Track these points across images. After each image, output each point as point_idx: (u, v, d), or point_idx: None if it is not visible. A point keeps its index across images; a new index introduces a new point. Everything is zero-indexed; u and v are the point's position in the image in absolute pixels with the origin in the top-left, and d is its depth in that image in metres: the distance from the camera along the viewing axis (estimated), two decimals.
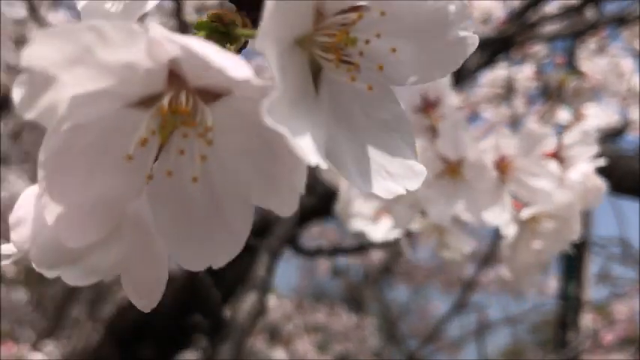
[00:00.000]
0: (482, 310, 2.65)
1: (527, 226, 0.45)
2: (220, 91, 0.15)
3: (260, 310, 0.52)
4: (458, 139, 0.42)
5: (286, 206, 0.15)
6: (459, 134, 0.42)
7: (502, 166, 0.43)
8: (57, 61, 0.12)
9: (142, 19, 0.18)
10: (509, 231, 0.43)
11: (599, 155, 0.66)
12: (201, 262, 0.16)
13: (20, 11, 0.32)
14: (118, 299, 2.06)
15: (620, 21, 1.52)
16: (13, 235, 0.15)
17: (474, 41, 0.16)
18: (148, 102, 0.15)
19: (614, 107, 2.24)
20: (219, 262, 0.16)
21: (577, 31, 1.56)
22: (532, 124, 0.44)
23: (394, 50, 0.15)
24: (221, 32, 0.17)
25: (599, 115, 0.99)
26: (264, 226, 0.95)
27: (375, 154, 0.16)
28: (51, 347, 1.30)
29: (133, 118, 0.15)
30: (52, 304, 3.08)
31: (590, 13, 1.61)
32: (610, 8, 1.61)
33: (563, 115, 1.06)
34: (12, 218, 0.15)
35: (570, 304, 2.46)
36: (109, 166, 0.15)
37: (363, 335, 3.27)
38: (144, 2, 0.16)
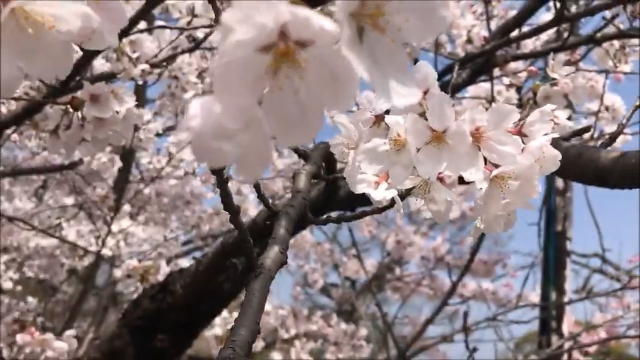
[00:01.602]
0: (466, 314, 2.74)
1: (496, 184, 0.57)
2: (308, 42, 0.27)
3: (283, 260, 0.62)
4: (442, 113, 0.54)
5: (343, 105, 0.27)
6: (444, 109, 0.54)
7: (476, 135, 0.55)
8: (236, 19, 0.24)
9: None
10: (483, 186, 0.55)
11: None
12: (293, 142, 0.28)
13: None
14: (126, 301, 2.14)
15: (592, 41, 1.66)
16: (191, 123, 0.26)
17: (449, 19, 0.28)
18: (265, 49, 0.27)
19: (588, 121, 2.37)
20: (304, 142, 0.27)
21: (553, 49, 1.70)
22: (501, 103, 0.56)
23: (407, 21, 0.27)
24: None
25: (565, 119, 1.11)
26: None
27: (392, 83, 0.28)
28: (72, 332, 1.38)
29: (259, 58, 0.26)
30: (58, 320, 3.15)
31: (565, 33, 1.74)
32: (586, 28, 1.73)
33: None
34: (189, 114, 0.27)
35: (550, 307, 2.58)
36: (247, 85, 0.27)
37: (356, 343, 3.37)
38: None
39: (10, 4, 0.32)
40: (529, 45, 2.34)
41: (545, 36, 2.44)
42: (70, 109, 1.07)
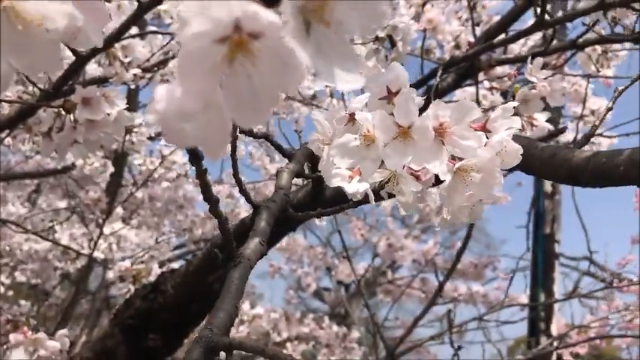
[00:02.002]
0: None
1: (460, 177, 0.60)
2: (259, 34, 0.30)
3: (263, 250, 0.65)
4: (408, 110, 0.57)
5: (292, 89, 0.30)
6: (409, 106, 0.57)
7: (440, 130, 0.58)
8: (192, 12, 0.27)
9: None
10: (446, 178, 0.58)
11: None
12: (248, 123, 0.31)
13: None
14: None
15: (575, 46, 1.70)
16: (157, 106, 0.30)
17: (388, 13, 0.31)
18: (222, 40, 0.30)
19: (575, 124, 2.40)
20: (259, 122, 0.30)
21: (536, 54, 1.74)
22: (463, 99, 0.59)
23: (349, 15, 0.31)
24: None
25: (544, 121, 1.15)
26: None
27: (337, 70, 0.31)
28: (64, 332, 1.40)
29: (216, 48, 0.30)
30: (50, 324, 3.17)
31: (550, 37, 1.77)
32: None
33: (517, 121, 1.22)
34: (155, 98, 0.30)
35: (538, 307, 2.61)
36: (205, 71, 0.30)
37: (348, 345, 3.40)
38: None
39: (2, 3, 0.35)
40: (516, 50, 2.39)
41: (531, 41, 2.49)
42: (63, 112, 1.10)
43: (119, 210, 2.38)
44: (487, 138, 0.63)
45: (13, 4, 0.36)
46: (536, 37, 2.43)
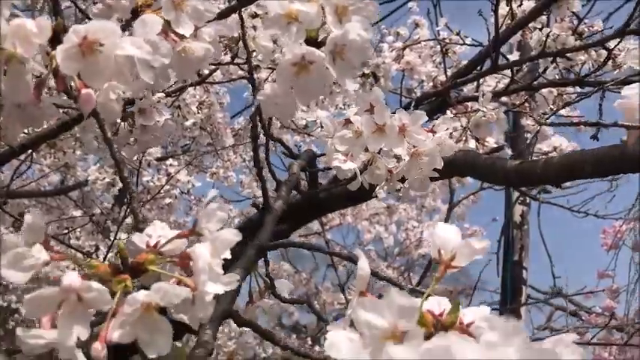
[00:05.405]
0: None
1: (415, 158, 1.00)
2: (313, 61, 0.70)
3: (284, 208, 1.05)
4: (382, 115, 0.97)
5: (327, 88, 0.70)
6: (384, 112, 0.97)
7: (402, 128, 0.99)
8: (287, 50, 0.67)
9: None
10: (406, 158, 0.99)
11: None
12: (306, 103, 0.71)
13: None
14: None
15: (531, 88, 2.12)
16: (265, 92, 0.69)
17: (371, 52, 0.72)
18: (295, 64, 0.70)
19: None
20: (310, 102, 0.70)
21: (497, 93, 2.16)
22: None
23: (352, 54, 0.71)
24: None
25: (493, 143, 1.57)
26: None
27: (347, 82, 0.71)
28: None
29: (292, 68, 0.70)
30: None
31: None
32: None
33: (472, 143, 1.64)
34: (265, 87, 0.70)
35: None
36: (287, 77, 0.70)
37: None
38: None
39: (181, 46, 0.75)
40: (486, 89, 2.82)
41: (501, 84, 2.93)
42: (118, 120, 1.50)
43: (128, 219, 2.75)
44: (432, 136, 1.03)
45: (186, 45, 0.76)
46: (506, 80, 2.88)
